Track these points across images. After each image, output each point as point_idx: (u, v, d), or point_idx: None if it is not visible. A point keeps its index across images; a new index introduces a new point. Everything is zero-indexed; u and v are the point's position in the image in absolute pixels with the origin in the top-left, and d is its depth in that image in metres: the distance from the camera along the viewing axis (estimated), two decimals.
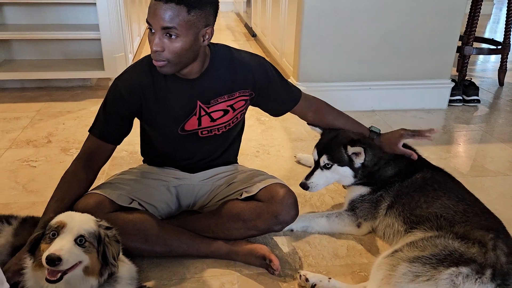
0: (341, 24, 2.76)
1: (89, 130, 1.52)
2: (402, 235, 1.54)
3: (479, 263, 1.25)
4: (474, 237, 1.34)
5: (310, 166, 1.76)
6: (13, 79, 3.20)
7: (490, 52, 3.62)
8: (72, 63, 3.34)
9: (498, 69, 3.62)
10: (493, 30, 6.25)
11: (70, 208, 1.40)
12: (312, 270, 1.50)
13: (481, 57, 4.63)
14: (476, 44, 3.70)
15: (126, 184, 1.58)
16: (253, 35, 5.34)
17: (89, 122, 1.53)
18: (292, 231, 1.72)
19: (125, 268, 1.28)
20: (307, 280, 1.42)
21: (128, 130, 1.54)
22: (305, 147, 2.45)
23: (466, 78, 3.36)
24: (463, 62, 3.40)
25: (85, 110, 2.89)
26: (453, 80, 3.09)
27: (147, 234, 1.46)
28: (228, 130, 1.61)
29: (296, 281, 1.46)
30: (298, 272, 1.46)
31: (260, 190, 1.55)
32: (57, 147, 2.37)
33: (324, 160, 1.66)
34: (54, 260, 1.06)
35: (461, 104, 3.14)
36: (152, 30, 1.32)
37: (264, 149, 2.42)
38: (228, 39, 5.27)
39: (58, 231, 1.14)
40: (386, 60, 2.90)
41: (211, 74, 1.49)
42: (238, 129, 1.70)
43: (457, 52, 3.08)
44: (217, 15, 1.41)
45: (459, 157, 2.40)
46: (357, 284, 1.44)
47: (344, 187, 1.83)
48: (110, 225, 1.25)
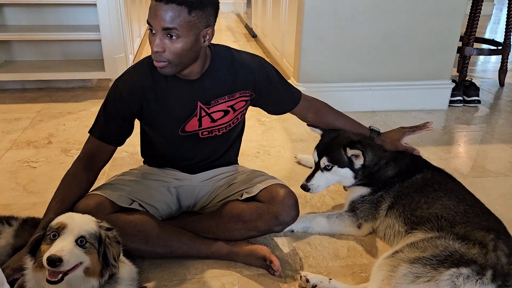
0: (342, 24, 2.76)
1: (89, 131, 1.52)
2: (402, 236, 1.54)
3: (479, 264, 1.25)
4: (475, 238, 1.34)
5: (311, 167, 1.75)
6: (14, 80, 3.20)
7: (491, 52, 3.62)
8: (73, 64, 3.34)
9: (499, 70, 3.62)
10: (493, 30, 6.25)
11: (71, 209, 1.40)
12: (312, 271, 1.51)
13: (482, 57, 4.63)
14: (476, 45, 3.70)
15: (127, 185, 1.58)
16: (254, 35, 5.34)
17: (90, 123, 1.53)
18: (293, 231, 1.72)
19: (126, 269, 1.28)
20: (307, 281, 1.42)
21: (129, 131, 1.54)
22: (305, 147, 2.45)
23: (466, 78, 3.36)
24: (463, 63, 3.40)
25: (86, 111, 2.89)
26: (453, 81, 3.09)
27: (148, 235, 1.46)
28: (228, 130, 1.61)
29: (297, 282, 1.46)
30: (299, 273, 1.46)
31: (261, 191, 1.55)
32: (57, 148, 2.37)
33: (325, 162, 1.67)
34: (55, 261, 1.06)
35: (461, 104, 3.14)
36: (153, 31, 1.32)
37: (265, 149, 2.42)
38: (228, 39, 5.27)
39: (58, 232, 1.14)
40: (387, 60, 2.90)
41: (211, 74, 1.49)
42: (238, 130, 1.70)
43: (457, 52, 3.08)
44: (218, 16, 1.41)
45: (459, 157, 2.40)
46: (357, 285, 1.44)
47: (344, 189, 1.83)
48: (110, 226, 1.25)
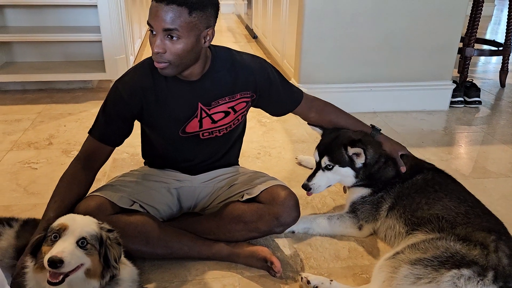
0: (342, 25, 2.75)
1: (89, 132, 1.52)
2: (403, 237, 1.54)
3: (481, 265, 1.25)
4: (476, 239, 1.33)
5: (311, 168, 1.75)
6: (14, 81, 3.20)
7: (492, 53, 3.62)
8: (73, 65, 3.35)
9: (500, 71, 3.62)
10: (494, 31, 6.25)
11: (71, 209, 1.40)
12: (313, 272, 1.50)
13: (482, 58, 4.62)
14: (477, 46, 3.70)
15: (127, 186, 1.58)
16: (254, 36, 5.34)
17: (90, 124, 1.53)
18: (294, 233, 1.71)
19: (127, 270, 1.28)
20: (308, 282, 1.42)
21: (129, 132, 1.54)
22: (306, 148, 2.44)
23: (467, 79, 3.35)
24: (464, 64, 3.39)
25: (86, 112, 2.89)
26: (454, 82, 3.09)
27: (148, 236, 1.46)
28: (229, 131, 1.61)
29: (298, 283, 1.46)
30: (300, 274, 1.46)
31: (262, 192, 1.55)
32: (58, 149, 2.37)
33: (326, 161, 1.66)
34: (56, 263, 1.06)
35: (462, 105, 3.14)
36: (153, 32, 1.32)
37: (265, 151, 2.42)
38: (229, 40, 5.28)
39: (59, 233, 1.14)
40: (387, 61, 2.89)
41: (212, 76, 1.49)
42: (239, 131, 1.70)
43: (458, 53, 3.08)
44: (218, 17, 1.41)
45: (460, 158, 2.40)
46: (358, 286, 1.44)
47: (344, 191, 1.83)
48: (111, 228, 1.25)
